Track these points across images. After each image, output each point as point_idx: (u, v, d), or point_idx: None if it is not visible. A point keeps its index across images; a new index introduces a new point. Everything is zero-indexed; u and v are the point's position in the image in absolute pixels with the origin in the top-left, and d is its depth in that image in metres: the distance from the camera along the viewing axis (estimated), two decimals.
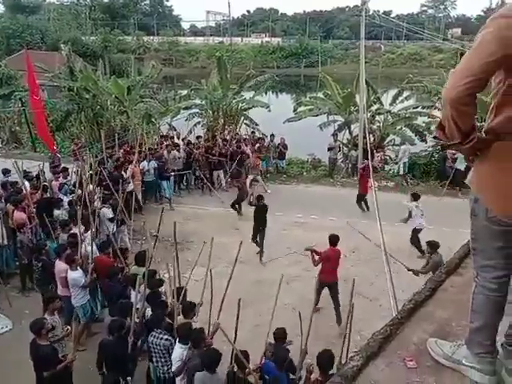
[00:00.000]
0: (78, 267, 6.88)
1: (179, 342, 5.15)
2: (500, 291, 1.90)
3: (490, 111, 1.76)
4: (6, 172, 11.22)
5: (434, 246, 7.83)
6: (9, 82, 24.34)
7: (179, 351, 5.10)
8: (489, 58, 1.56)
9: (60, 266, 6.99)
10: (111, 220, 9.33)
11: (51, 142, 12.88)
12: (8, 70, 24.86)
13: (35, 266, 7.62)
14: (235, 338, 5.19)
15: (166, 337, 5.35)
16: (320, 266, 7.63)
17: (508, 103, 1.69)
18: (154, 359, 5.45)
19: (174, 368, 5.13)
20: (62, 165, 12.55)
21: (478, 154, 1.78)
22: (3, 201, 9.50)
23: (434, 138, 1.85)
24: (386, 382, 2.00)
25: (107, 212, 9.36)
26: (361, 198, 12.61)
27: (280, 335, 5.50)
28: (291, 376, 5.11)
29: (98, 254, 7.66)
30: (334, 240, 7.73)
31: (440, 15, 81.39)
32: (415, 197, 10.27)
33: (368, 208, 12.43)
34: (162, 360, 5.37)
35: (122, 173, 11.77)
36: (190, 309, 5.76)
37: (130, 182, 11.64)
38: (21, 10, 57.82)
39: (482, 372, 1.94)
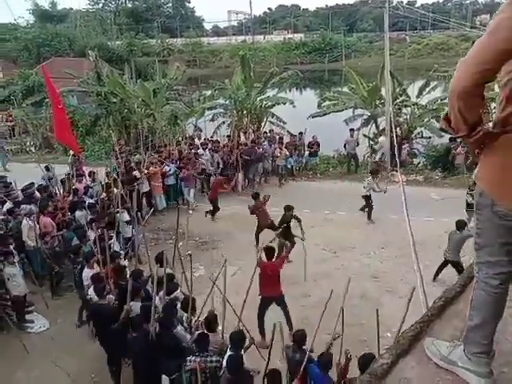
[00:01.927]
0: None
1: (231, 349, 5.01)
2: (502, 288, 1.84)
3: (498, 103, 1.67)
4: (48, 169, 11.90)
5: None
6: (40, 89, 25.11)
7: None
8: (505, 46, 1.45)
9: (87, 273, 6.99)
10: (128, 223, 9.48)
11: (75, 144, 13.04)
12: (39, 78, 25.66)
13: (70, 271, 7.79)
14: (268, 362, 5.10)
15: (215, 358, 5.07)
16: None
17: None
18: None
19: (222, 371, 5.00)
20: (85, 168, 12.92)
21: (483, 148, 1.71)
22: (38, 204, 9.85)
23: (441, 129, 1.79)
24: (416, 380, 1.97)
25: (124, 215, 9.50)
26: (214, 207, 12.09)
27: (299, 338, 5.29)
28: None
29: None
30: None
31: (467, 2, 79.08)
32: (373, 172, 12.14)
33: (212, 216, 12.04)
34: (209, 382, 5.11)
35: (136, 173, 11.98)
36: (214, 321, 5.61)
37: (142, 183, 11.85)
38: (49, 19, 59.56)
39: (478, 374, 1.88)
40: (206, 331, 5.49)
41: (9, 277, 7.45)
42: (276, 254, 7.56)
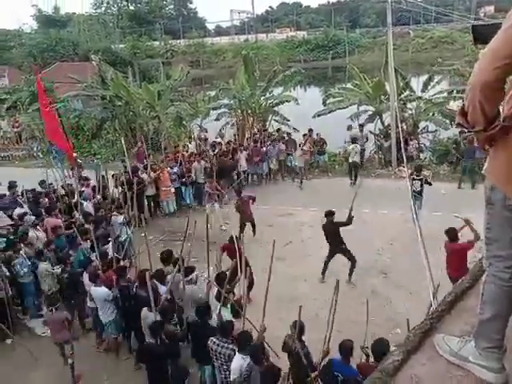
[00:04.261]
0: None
1: (239, 351, 5.08)
2: None
3: (509, 97, 1.66)
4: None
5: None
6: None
7: (240, 362, 5.00)
8: None
9: (87, 279, 7.13)
10: (122, 224, 9.50)
11: (67, 146, 12.76)
12: (44, 83, 25.76)
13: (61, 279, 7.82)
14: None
15: (231, 346, 5.29)
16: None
17: None
18: (216, 364, 5.51)
19: (231, 378, 5.12)
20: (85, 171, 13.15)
21: (492, 143, 1.70)
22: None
23: (458, 124, 1.77)
24: (427, 377, 1.97)
25: (117, 218, 9.58)
26: None
27: (300, 328, 5.28)
28: None
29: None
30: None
31: None
32: (353, 140, 14.81)
33: None
34: (224, 367, 5.39)
35: (143, 176, 12.10)
36: (240, 309, 5.80)
37: (145, 185, 12.00)
38: (53, 25, 59.89)
39: (490, 370, 1.87)
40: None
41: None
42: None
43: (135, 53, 48.16)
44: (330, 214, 8.80)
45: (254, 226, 10.97)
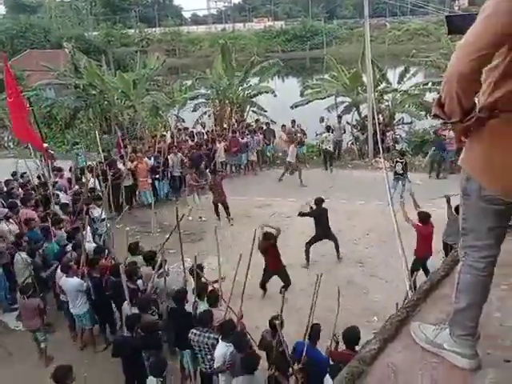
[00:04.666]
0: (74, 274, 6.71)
1: (222, 339, 5.08)
2: (487, 270, 1.87)
3: (485, 87, 1.65)
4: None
5: None
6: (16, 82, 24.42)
7: (223, 350, 5.02)
8: (504, 30, 1.43)
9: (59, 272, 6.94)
10: (95, 220, 9.31)
11: (37, 141, 11.67)
12: (15, 71, 24.94)
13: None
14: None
15: (212, 335, 5.28)
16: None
17: (510, 79, 1.58)
18: (199, 355, 5.47)
19: (215, 365, 5.13)
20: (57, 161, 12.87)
21: (469, 134, 1.71)
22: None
23: (434, 116, 1.77)
24: (403, 364, 1.99)
25: (94, 211, 9.41)
26: None
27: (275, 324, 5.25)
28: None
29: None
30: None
31: None
32: (327, 129, 15.16)
33: None
34: (208, 356, 5.35)
35: (121, 166, 11.94)
36: (216, 298, 5.88)
37: (125, 177, 11.84)
38: (22, 10, 57.86)
39: (464, 356, 1.92)
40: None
41: None
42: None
43: (109, 41, 47.07)
44: (321, 201, 9.27)
45: (227, 208, 11.25)
